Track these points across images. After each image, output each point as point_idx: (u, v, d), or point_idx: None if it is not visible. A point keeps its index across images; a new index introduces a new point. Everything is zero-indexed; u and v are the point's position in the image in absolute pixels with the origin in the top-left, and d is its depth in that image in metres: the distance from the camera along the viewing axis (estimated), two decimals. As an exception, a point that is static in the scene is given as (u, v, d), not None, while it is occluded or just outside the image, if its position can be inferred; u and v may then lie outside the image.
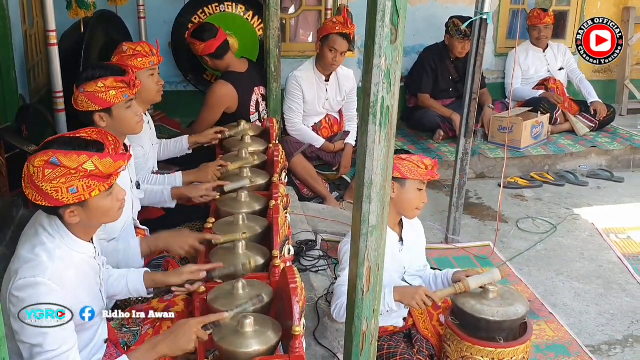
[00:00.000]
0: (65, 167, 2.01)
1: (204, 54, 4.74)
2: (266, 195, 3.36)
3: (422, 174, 2.94)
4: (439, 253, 4.53)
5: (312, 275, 3.76)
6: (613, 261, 4.54)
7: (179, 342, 2.13)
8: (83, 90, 2.86)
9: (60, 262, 2.08)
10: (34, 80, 5.15)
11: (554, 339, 3.61)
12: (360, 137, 2.11)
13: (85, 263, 2.22)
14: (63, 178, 2.01)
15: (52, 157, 2.01)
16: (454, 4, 6.90)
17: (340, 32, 4.92)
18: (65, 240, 2.15)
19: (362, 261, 2.18)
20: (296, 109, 5.11)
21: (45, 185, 2.00)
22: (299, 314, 2.14)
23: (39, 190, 2.02)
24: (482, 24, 4.16)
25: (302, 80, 5.08)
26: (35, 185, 2.02)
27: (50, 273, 2.02)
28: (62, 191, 2.01)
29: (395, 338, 2.97)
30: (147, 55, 3.59)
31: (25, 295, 1.98)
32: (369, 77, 1.99)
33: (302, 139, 5.13)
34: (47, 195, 2.02)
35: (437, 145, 6.31)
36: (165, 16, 6.11)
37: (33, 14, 5.14)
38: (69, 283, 2.08)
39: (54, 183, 2.00)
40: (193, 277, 2.54)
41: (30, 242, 2.12)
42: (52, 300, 1.99)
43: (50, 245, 2.10)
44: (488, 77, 7.07)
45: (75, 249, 2.17)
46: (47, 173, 2.00)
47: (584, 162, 6.32)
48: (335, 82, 5.22)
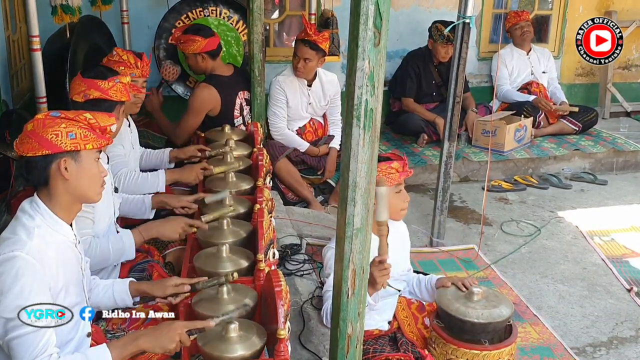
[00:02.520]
0: (65, 118, 2.18)
1: (204, 51, 4.72)
2: (251, 199, 3.36)
3: (395, 179, 2.93)
4: (423, 256, 4.54)
5: (297, 279, 3.75)
6: (597, 263, 4.57)
7: (161, 339, 2.13)
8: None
9: (40, 240, 2.10)
10: (17, 85, 5.11)
11: (538, 342, 3.63)
12: (344, 140, 2.11)
13: (66, 247, 2.23)
14: (64, 123, 2.16)
15: (52, 112, 2.19)
16: (437, 9, 6.94)
17: (302, 38, 4.95)
18: (46, 219, 2.17)
19: (347, 264, 2.18)
20: (280, 113, 5.11)
21: (46, 130, 2.14)
22: (283, 317, 2.14)
23: (39, 138, 2.13)
24: (464, 28, 4.18)
25: (284, 85, 5.09)
26: (36, 134, 2.14)
27: (28, 248, 2.04)
28: (61, 135, 2.14)
29: (381, 341, 2.96)
30: (130, 67, 3.64)
31: (2, 270, 2.00)
32: (353, 79, 2.00)
33: (286, 143, 5.13)
34: (47, 141, 2.13)
35: (421, 149, 6.33)
36: (149, 21, 6.08)
37: (16, 19, 5.10)
38: (48, 262, 2.08)
39: (54, 128, 2.14)
40: (177, 290, 2.55)
41: (11, 226, 2.15)
42: (30, 276, 2.00)
43: (30, 224, 2.13)
44: (471, 81, 7.11)
45: (55, 229, 2.19)
46: (47, 122, 2.16)
47: (568, 165, 6.35)
48: (319, 87, 5.23)
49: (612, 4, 7.51)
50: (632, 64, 7.98)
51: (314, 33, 4.94)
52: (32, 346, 1.98)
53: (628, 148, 6.58)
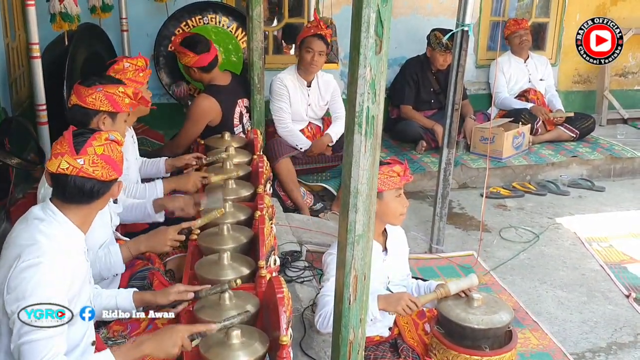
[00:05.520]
0: (115, 142, 2.30)
1: (195, 66, 4.73)
2: (251, 206, 3.36)
3: (396, 182, 2.96)
4: (423, 263, 4.54)
5: (297, 286, 3.76)
6: (595, 269, 4.58)
7: (164, 344, 2.14)
8: (101, 90, 2.99)
9: (60, 247, 2.13)
10: (16, 93, 5.12)
11: (538, 347, 3.63)
12: (346, 147, 2.12)
13: (79, 255, 2.25)
14: (117, 149, 2.30)
15: (110, 134, 2.31)
16: (435, 17, 6.96)
17: (314, 33, 4.99)
18: (63, 227, 2.20)
19: (349, 270, 2.19)
20: (285, 108, 5.12)
21: (118, 156, 2.29)
22: (285, 323, 2.14)
23: (114, 164, 2.26)
24: (463, 36, 4.20)
25: (287, 82, 5.12)
26: (111, 160, 2.25)
27: (52, 255, 2.08)
28: (119, 160, 2.30)
29: (381, 348, 2.97)
30: (145, 70, 3.65)
31: (25, 276, 2.02)
32: (354, 87, 2.01)
33: (291, 139, 5.14)
34: (118, 168, 2.29)
35: (420, 155, 6.34)
36: (148, 29, 6.10)
37: (15, 27, 5.12)
38: (67, 269, 2.12)
39: (114, 153, 2.27)
40: (180, 297, 2.56)
41: (26, 232, 2.17)
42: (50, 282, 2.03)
43: (49, 232, 2.16)
44: (469, 88, 7.13)
45: (72, 237, 2.22)
46: (114, 147, 2.29)
47: (565, 171, 6.37)
48: (316, 87, 5.26)
49: (609, 11, 7.54)
50: (629, 71, 8.02)
51: (325, 27, 5.01)
52: (43, 352, 1.99)
53: (625, 155, 6.60)
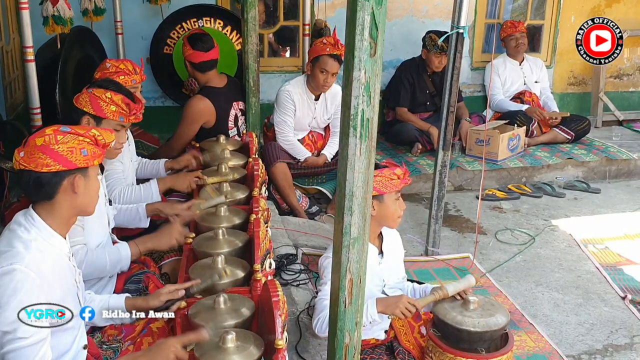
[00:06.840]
0: (75, 134, 2.21)
1: (188, 60, 4.72)
2: (246, 209, 3.36)
3: (396, 185, 2.98)
4: (419, 265, 4.54)
5: (293, 289, 3.75)
6: (591, 271, 4.58)
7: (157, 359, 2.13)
8: (91, 91, 3.05)
9: (37, 253, 2.11)
10: (11, 96, 5.11)
11: (534, 350, 3.63)
12: (341, 150, 2.12)
13: (62, 260, 2.23)
14: (76, 141, 2.20)
15: (62, 127, 2.22)
16: (430, 19, 6.97)
17: (331, 53, 4.86)
18: (42, 232, 2.18)
19: (344, 273, 2.19)
20: (289, 122, 5.10)
21: (61, 147, 2.16)
22: (281, 327, 2.14)
23: (54, 153, 2.15)
24: (458, 38, 4.20)
25: (294, 96, 5.07)
26: (49, 150, 2.15)
27: (27, 261, 2.05)
28: (75, 152, 2.19)
29: (377, 351, 2.97)
30: (130, 74, 3.64)
31: (1, 283, 2.00)
32: (349, 90, 2.01)
33: (291, 151, 5.15)
34: (62, 157, 2.16)
35: (415, 158, 6.34)
36: (143, 32, 6.10)
37: (9, 30, 5.11)
38: (45, 275, 2.09)
39: (68, 144, 2.18)
40: (172, 296, 2.56)
41: (6, 238, 2.15)
42: (28, 289, 2.01)
43: (26, 237, 2.13)
44: (464, 90, 7.14)
45: (51, 242, 2.19)
46: (59, 138, 2.17)
47: (561, 173, 6.38)
48: (323, 101, 5.22)
49: (604, 13, 7.55)
50: (624, 72, 8.04)
51: (342, 47, 4.91)
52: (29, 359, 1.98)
53: (620, 156, 6.61)
